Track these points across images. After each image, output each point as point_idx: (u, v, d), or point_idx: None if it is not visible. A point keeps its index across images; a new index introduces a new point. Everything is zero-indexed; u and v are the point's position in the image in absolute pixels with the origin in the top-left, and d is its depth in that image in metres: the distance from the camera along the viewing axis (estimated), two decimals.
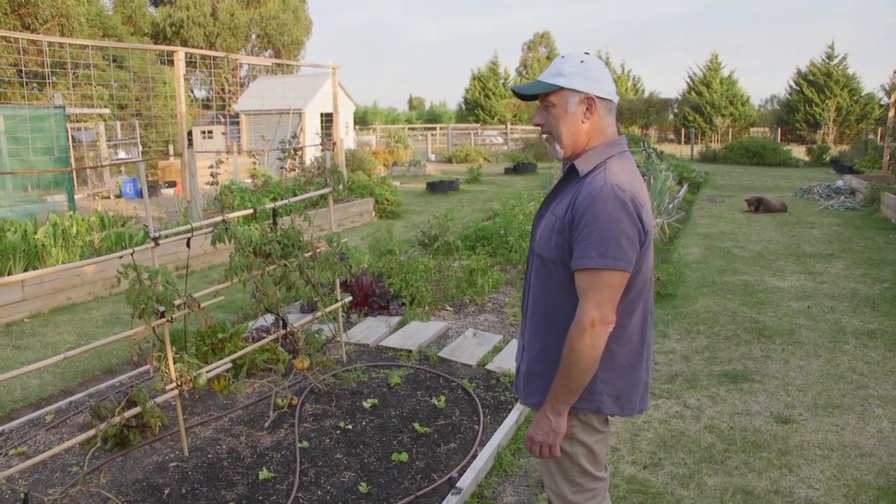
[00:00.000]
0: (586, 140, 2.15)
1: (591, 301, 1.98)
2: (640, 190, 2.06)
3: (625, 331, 2.12)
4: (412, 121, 51.39)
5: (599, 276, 1.98)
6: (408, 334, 5.80)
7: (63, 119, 11.84)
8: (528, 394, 2.28)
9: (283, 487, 3.60)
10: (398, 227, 11.86)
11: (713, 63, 42.18)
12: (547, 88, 2.14)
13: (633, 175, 2.10)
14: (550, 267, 2.14)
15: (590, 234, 1.98)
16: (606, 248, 1.96)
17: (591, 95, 2.11)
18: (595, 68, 2.14)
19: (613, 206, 1.97)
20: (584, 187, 2.06)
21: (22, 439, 4.29)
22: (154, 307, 3.44)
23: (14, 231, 8.28)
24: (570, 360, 2.02)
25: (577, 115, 2.13)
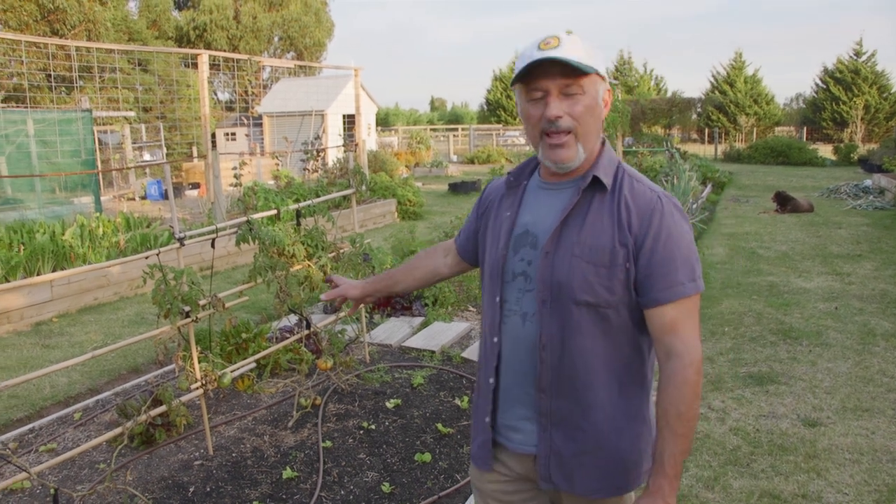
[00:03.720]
0: (597, 137, 1.76)
1: (693, 332, 1.65)
2: None
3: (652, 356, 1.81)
4: (434, 122, 51.40)
5: (693, 302, 1.66)
6: (430, 335, 5.81)
7: (90, 122, 11.99)
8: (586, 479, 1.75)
9: (307, 487, 3.62)
10: (420, 227, 11.87)
11: (737, 61, 41.78)
12: (586, 69, 1.66)
13: None
14: (608, 313, 1.69)
15: (672, 258, 1.64)
16: (693, 269, 1.66)
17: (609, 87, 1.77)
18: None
19: (680, 219, 1.69)
20: (626, 202, 1.69)
21: (51, 436, 4.35)
22: (179, 307, 3.47)
23: (42, 232, 8.41)
24: (690, 411, 1.60)
25: (602, 110, 1.74)
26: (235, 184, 9.71)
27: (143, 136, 20.51)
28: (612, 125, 10.76)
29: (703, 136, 38.35)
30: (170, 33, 36.80)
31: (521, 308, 1.76)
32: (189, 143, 21.31)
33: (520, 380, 1.78)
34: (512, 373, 1.80)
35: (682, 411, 1.59)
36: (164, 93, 21.72)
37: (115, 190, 17.00)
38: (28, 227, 8.50)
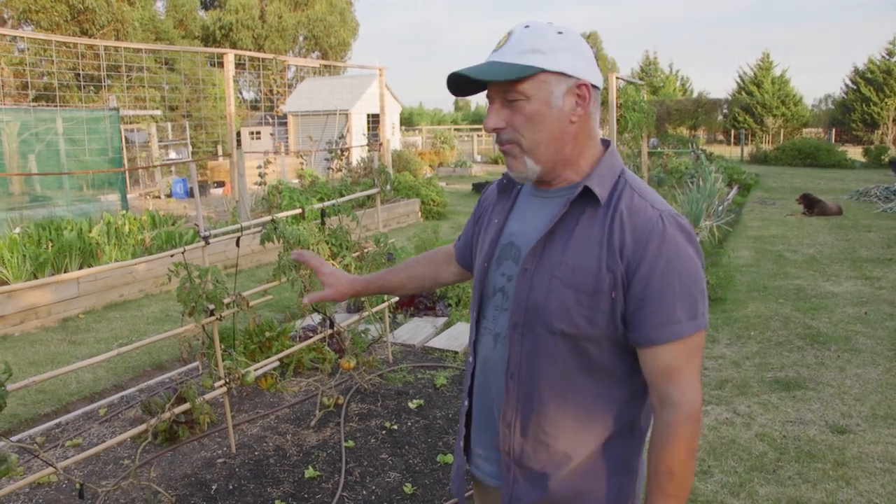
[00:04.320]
0: (574, 149, 1.47)
1: (693, 378, 1.40)
2: None
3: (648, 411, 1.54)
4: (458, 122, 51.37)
5: (693, 343, 1.40)
6: (453, 335, 5.79)
7: (117, 121, 12.13)
8: None
9: (329, 486, 3.61)
10: (444, 227, 11.86)
11: (764, 62, 41.34)
12: (519, 73, 1.41)
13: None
14: (588, 347, 1.45)
15: (670, 291, 1.37)
16: (695, 305, 1.39)
17: (584, 82, 1.43)
18: (582, 43, 1.46)
19: (685, 244, 1.40)
20: (621, 219, 1.42)
21: (77, 431, 4.39)
22: (204, 305, 3.48)
23: (70, 230, 8.50)
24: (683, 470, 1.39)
25: (563, 113, 1.43)
26: (260, 182, 9.76)
27: (169, 135, 20.72)
28: (637, 126, 10.68)
29: (729, 138, 38.02)
30: (196, 33, 37.14)
31: (495, 327, 1.55)
32: (214, 141, 21.49)
33: (489, 406, 1.59)
34: (482, 397, 1.61)
35: (675, 470, 1.38)
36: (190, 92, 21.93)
37: (141, 188, 17.17)
38: (56, 225, 8.59)
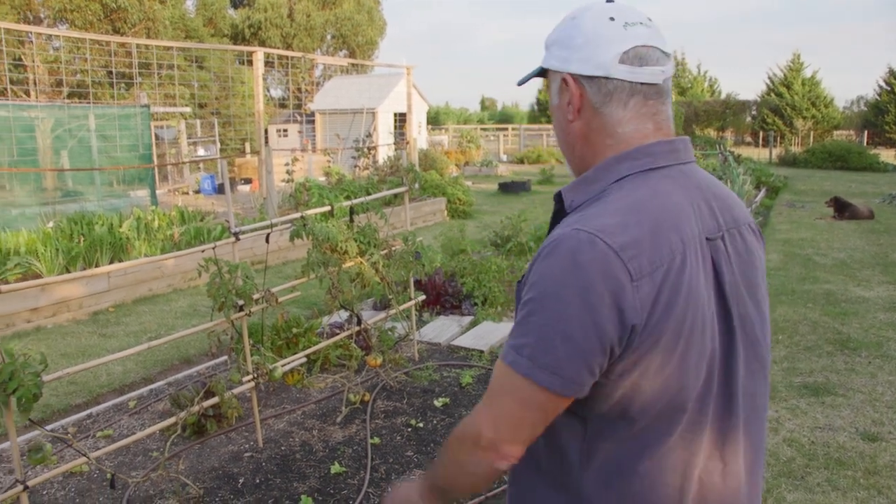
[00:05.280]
0: (585, 149, 1.31)
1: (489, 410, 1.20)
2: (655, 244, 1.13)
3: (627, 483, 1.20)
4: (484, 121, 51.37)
5: (509, 378, 1.15)
6: (479, 334, 5.79)
7: (148, 117, 12.27)
8: None
9: (355, 482, 3.63)
10: (470, 227, 11.86)
11: (795, 63, 40.79)
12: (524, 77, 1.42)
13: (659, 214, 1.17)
14: None
15: (523, 307, 1.17)
16: (524, 339, 1.14)
17: (566, 75, 1.28)
18: (580, 27, 1.27)
19: (561, 269, 1.12)
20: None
21: (108, 423, 4.46)
22: (234, 301, 3.51)
23: (101, 224, 8.62)
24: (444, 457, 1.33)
25: (561, 111, 1.32)
26: (288, 180, 9.83)
27: (197, 132, 20.93)
28: None
29: (758, 140, 37.57)
30: (225, 31, 37.43)
31: None
32: (242, 138, 21.68)
33: None
34: None
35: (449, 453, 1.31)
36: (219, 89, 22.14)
37: (170, 184, 17.36)
38: (87, 220, 8.73)
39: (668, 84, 1.29)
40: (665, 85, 1.27)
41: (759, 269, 1.32)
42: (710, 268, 1.20)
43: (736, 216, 1.30)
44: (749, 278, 1.28)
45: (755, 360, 1.29)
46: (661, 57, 1.25)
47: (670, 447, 1.18)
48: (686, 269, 1.14)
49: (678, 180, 1.24)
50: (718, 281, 1.21)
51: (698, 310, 1.15)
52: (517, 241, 8.57)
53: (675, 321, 1.12)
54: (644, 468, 1.18)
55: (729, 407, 1.23)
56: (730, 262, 1.24)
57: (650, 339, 1.11)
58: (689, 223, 1.19)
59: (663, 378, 1.14)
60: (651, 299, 1.10)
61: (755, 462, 1.30)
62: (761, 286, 1.31)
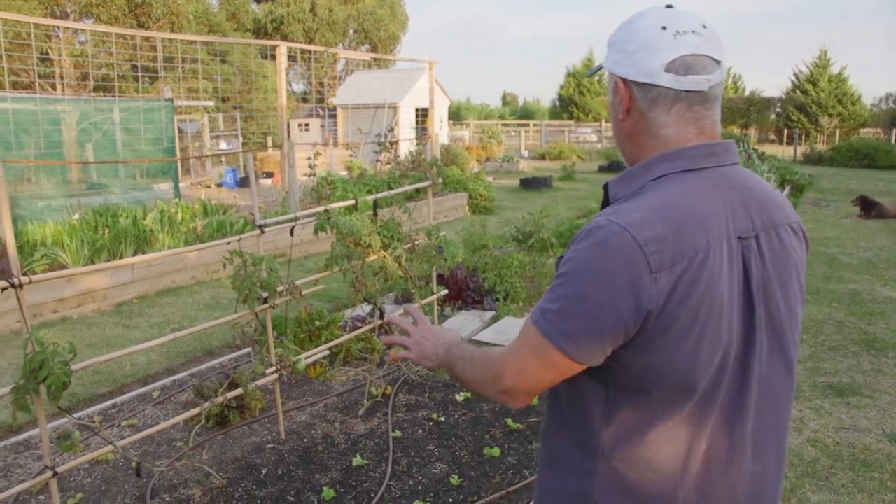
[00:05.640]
0: (633, 146, 1.42)
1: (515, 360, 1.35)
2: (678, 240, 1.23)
3: (637, 449, 1.33)
4: (505, 117, 51.22)
5: (534, 337, 1.29)
6: (501, 329, 5.78)
7: (171, 111, 12.35)
8: None
9: (376, 475, 3.64)
10: (491, 222, 11.83)
11: (821, 60, 40.26)
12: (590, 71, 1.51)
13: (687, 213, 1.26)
14: None
15: (557, 278, 1.30)
16: (551, 304, 1.28)
17: (618, 78, 1.38)
18: (633, 33, 1.36)
19: (592, 252, 1.25)
20: None
21: (132, 412, 4.51)
22: (258, 293, 3.53)
23: (125, 217, 8.71)
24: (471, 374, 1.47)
25: (615, 109, 1.43)
26: (310, 174, 9.86)
27: (220, 126, 21.06)
28: None
29: (782, 137, 37.16)
30: (248, 25, 37.64)
31: None
32: (264, 132, 21.79)
33: None
34: None
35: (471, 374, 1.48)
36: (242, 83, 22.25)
37: (193, 177, 17.48)
38: (112, 212, 8.82)
39: (717, 90, 1.35)
40: (711, 92, 1.34)
41: (794, 267, 1.39)
42: (740, 265, 1.29)
43: (774, 216, 1.37)
44: (782, 275, 1.35)
45: (779, 352, 1.37)
46: (709, 65, 1.32)
47: (680, 421, 1.30)
48: (707, 265, 1.23)
49: (714, 182, 1.32)
50: (747, 277, 1.30)
51: (715, 302, 1.24)
52: (539, 237, 8.55)
53: (690, 310, 1.22)
54: (654, 436, 1.31)
55: (741, 392, 1.33)
56: (761, 260, 1.32)
57: (664, 323, 1.22)
58: (719, 223, 1.27)
59: (675, 360, 1.25)
60: (668, 290, 1.21)
61: (766, 444, 1.40)
62: (793, 283, 1.38)
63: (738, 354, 1.31)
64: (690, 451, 1.32)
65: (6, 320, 6.12)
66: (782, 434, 1.44)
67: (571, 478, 1.43)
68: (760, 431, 1.38)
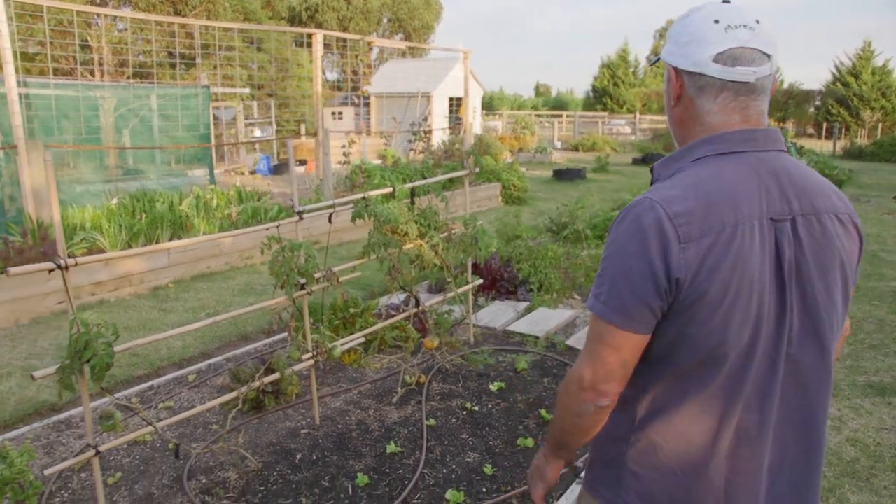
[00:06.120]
0: (682, 132, 1.51)
1: (586, 355, 1.43)
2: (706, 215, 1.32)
3: (671, 420, 1.43)
4: (538, 108, 50.87)
5: (595, 324, 1.41)
6: (535, 320, 5.75)
7: (208, 98, 12.46)
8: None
9: (410, 462, 3.65)
10: (524, 213, 11.77)
11: (865, 51, 39.22)
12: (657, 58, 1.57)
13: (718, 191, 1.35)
14: None
15: (601, 262, 1.43)
16: (600, 288, 1.39)
17: (671, 67, 1.49)
18: (688, 26, 1.45)
19: (626, 231, 1.36)
20: None
21: (168, 395, 4.56)
22: (296, 279, 3.54)
23: (162, 202, 8.82)
24: (556, 407, 1.55)
25: (667, 95, 1.54)
26: (344, 161, 9.88)
27: (254, 113, 21.20)
28: None
29: (820, 131, 36.39)
30: (283, 14, 37.82)
31: None
32: (298, 120, 21.90)
33: None
34: None
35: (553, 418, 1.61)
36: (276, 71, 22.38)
37: (227, 164, 17.63)
38: (149, 197, 8.93)
39: (765, 82, 1.42)
40: (758, 83, 1.41)
41: (838, 255, 1.42)
42: (772, 245, 1.36)
43: (816, 204, 1.41)
44: (822, 261, 1.39)
45: (813, 336, 1.42)
46: (758, 58, 1.39)
47: (712, 394, 1.38)
48: (735, 240, 1.31)
49: (751, 164, 1.39)
50: (779, 258, 1.36)
51: (745, 278, 1.32)
52: (574, 228, 8.48)
53: (720, 284, 1.30)
54: (686, 408, 1.40)
55: (772, 369, 1.39)
56: (796, 243, 1.37)
57: (695, 293, 1.31)
58: (750, 202, 1.35)
59: (706, 330, 1.33)
60: (697, 260, 1.30)
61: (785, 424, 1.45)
62: (834, 271, 1.41)
63: (771, 332, 1.38)
64: (722, 424, 1.39)
65: (46, 302, 6.23)
66: (809, 419, 1.47)
67: (611, 447, 1.53)
68: (784, 409, 1.43)
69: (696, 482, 1.43)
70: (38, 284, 6.14)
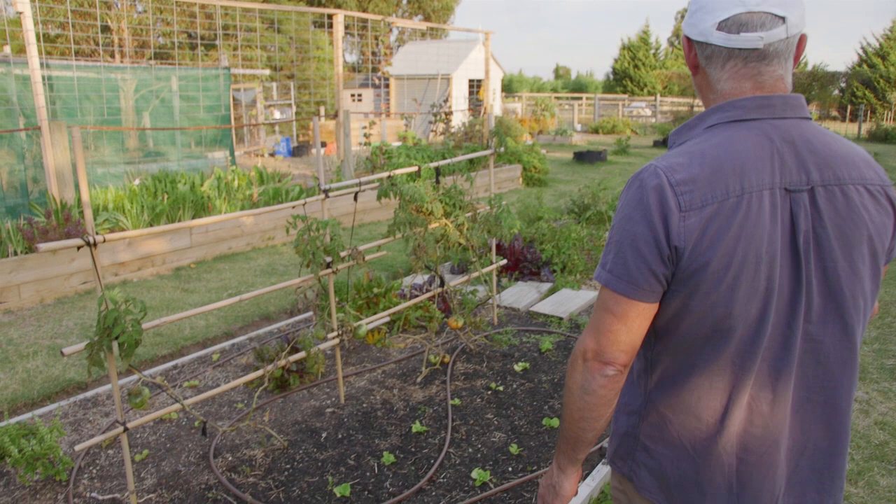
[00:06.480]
0: (702, 100, 1.49)
1: (591, 326, 1.41)
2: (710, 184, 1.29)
3: (679, 394, 1.41)
4: (557, 90, 50.49)
5: (601, 293, 1.39)
6: (559, 301, 5.71)
7: (228, 79, 12.44)
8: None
9: (436, 442, 3.64)
10: (545, 194, 11.71)
11: (893, 32, 38.49)
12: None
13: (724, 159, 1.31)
14: None
15: (609, 232, 1.42)
16: (606, 256, 1.39)
17: (685, 37, 1.48)
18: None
19: (631, 198, 1.35)
20: None
21: (192, 374, 4.57)
22: (322, 258, 3.52)
23: (183, 183, 8.83)
24: (565, 394, 1.49)
25: (689, 66, 1.50)
26: (364, 143, 9.84)
27: (273, 95, 21.18)
28: None
29: (845, 114, 35.85)
30: None
31: None
32: (318, 102, 21.86)
33: None
34: None
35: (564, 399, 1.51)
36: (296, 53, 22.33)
37: (246, 146, 17.65)
38: (171, 178, 8.94)
39: (778, 46, 1.35)
40: (769, 48, 1.34)
41: (865, 228, 1.34)
42: (786, 216, 1.30)
43: (840, 174, 1.33)
44: (846, 235, 1.32)
45: (835, 313, 1.35)
46: (767, 21, 1.32)
47: (720, 368, 1.34)
48: (740, 210, 1.26)
49: (764, 132, 1.33)
50: (793, 230, 1.30)
51: (751, 248, 1.27)
52: (596, 209, 8.41)
53: (724, 253, 1.26)
54: (694, 383, 1.37)
55: (786, 346, 1.33)
56: (815, 215, 1.30)
57: (696, 263, 1.28)
58: (760, 172, 1.29)
59: (710, 302, 1.30)
60: (698, 229, 1.27)
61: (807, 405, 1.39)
62: (861, 246, 1.33)
63: (784, 308, 1.32)
64: (731, 400, 1.36)
65: (71, 283, 6.27)
66: (833, 401, 1.40)
67: (626, 420, 1.54)
68: (804, 390, 1.38)
69: (706, 459, 1.40)
70: (63, 265, 6.18)
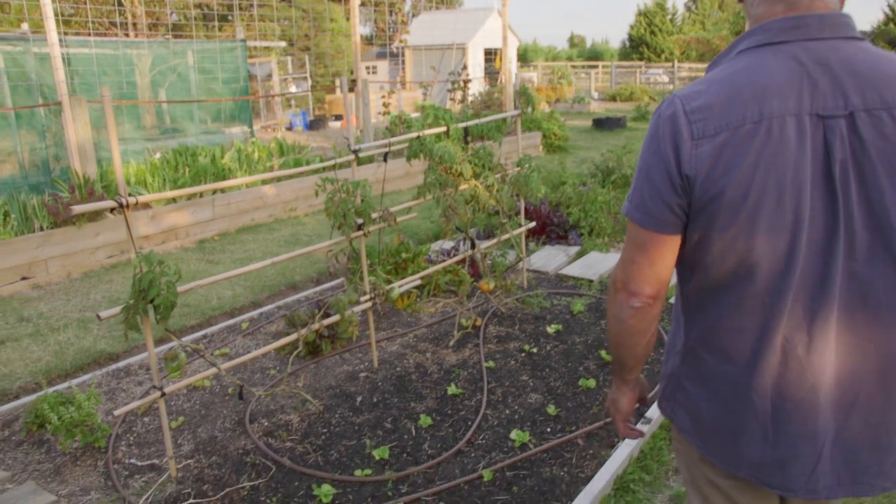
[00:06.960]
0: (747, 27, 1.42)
1: (621, 257, 1.43)
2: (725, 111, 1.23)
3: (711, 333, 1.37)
4: (573, 59, 49.90)
5: (628, 227, 1.40)
6: (588, 264, 5.64)
7: (245, 52, 12.35)
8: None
9: (472, 404, 3.60)
10: (567, 161, 11.58)
11: None
12: None
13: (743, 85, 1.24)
14: None
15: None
16: (631, 190, 1.39)
17: None
18: None
19: (649, 129, 1.35)
20: None
21: (223, 342, 4.57)
22: (353, 220, 3.47)
23: (204, 156, 8.80)
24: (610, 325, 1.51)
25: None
26: (384, 112, 9.74)
27: (289, 68, 21.06)
28: None
29: None
30: None
31: None
32: (333, 74, 21.73)
33: None
34: None
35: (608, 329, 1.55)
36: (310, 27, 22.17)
37: (262, 120, 17.58)
38: (192, 151, 8.91)
39: None
40: None
41: None
42: (818, 144, 1.20)
43: (887, 98, 1.20)
44: (893, 164, 1.20)
45: (884, 249, 1.23)
46: None
47: (749, 306, 1.29)
48: (757, 137, 1.19)
49: (793, 55, 1.24)
50: (828, 160, 1.20)
51: (770, 177, 1.19)
52: (621, 173, 8.29)
53: (739, 183, 1.21)
54: (725, 321, 1.33)
55: (823, 285, 1.24)
56: (855, 143, 1.20)
57: (710, 192, 1.23)
58: (784, 97, 1.21)
59: (730, 235, 1.24)
60: (710, 157, 1.22)
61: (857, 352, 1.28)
62: None
63: (818, 243, 1.23)
64: (762, 341, 1.29)
65: (96, 256, 6.27)
66: (886, 349, 1.28)
67: (670, 360, 1.53)
68: (850, 336, 1.27)
69: (739, 403, 1.34)
70: (88, 239, 6.18)
